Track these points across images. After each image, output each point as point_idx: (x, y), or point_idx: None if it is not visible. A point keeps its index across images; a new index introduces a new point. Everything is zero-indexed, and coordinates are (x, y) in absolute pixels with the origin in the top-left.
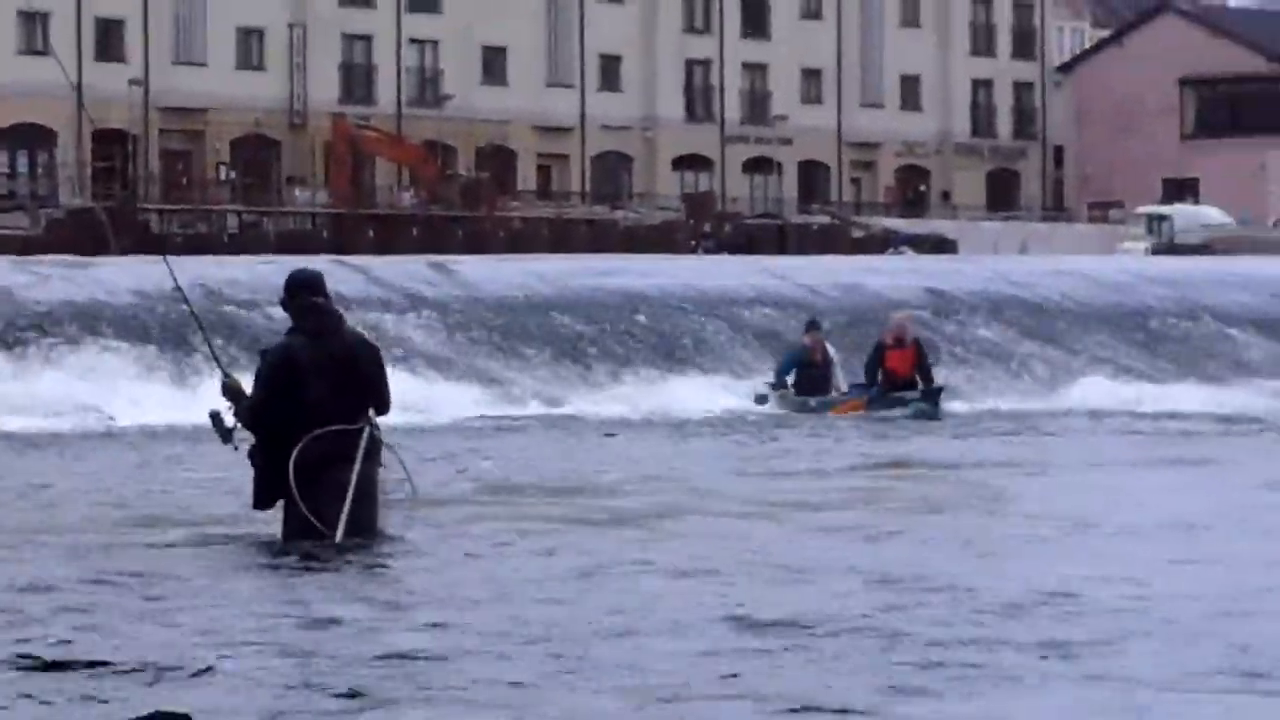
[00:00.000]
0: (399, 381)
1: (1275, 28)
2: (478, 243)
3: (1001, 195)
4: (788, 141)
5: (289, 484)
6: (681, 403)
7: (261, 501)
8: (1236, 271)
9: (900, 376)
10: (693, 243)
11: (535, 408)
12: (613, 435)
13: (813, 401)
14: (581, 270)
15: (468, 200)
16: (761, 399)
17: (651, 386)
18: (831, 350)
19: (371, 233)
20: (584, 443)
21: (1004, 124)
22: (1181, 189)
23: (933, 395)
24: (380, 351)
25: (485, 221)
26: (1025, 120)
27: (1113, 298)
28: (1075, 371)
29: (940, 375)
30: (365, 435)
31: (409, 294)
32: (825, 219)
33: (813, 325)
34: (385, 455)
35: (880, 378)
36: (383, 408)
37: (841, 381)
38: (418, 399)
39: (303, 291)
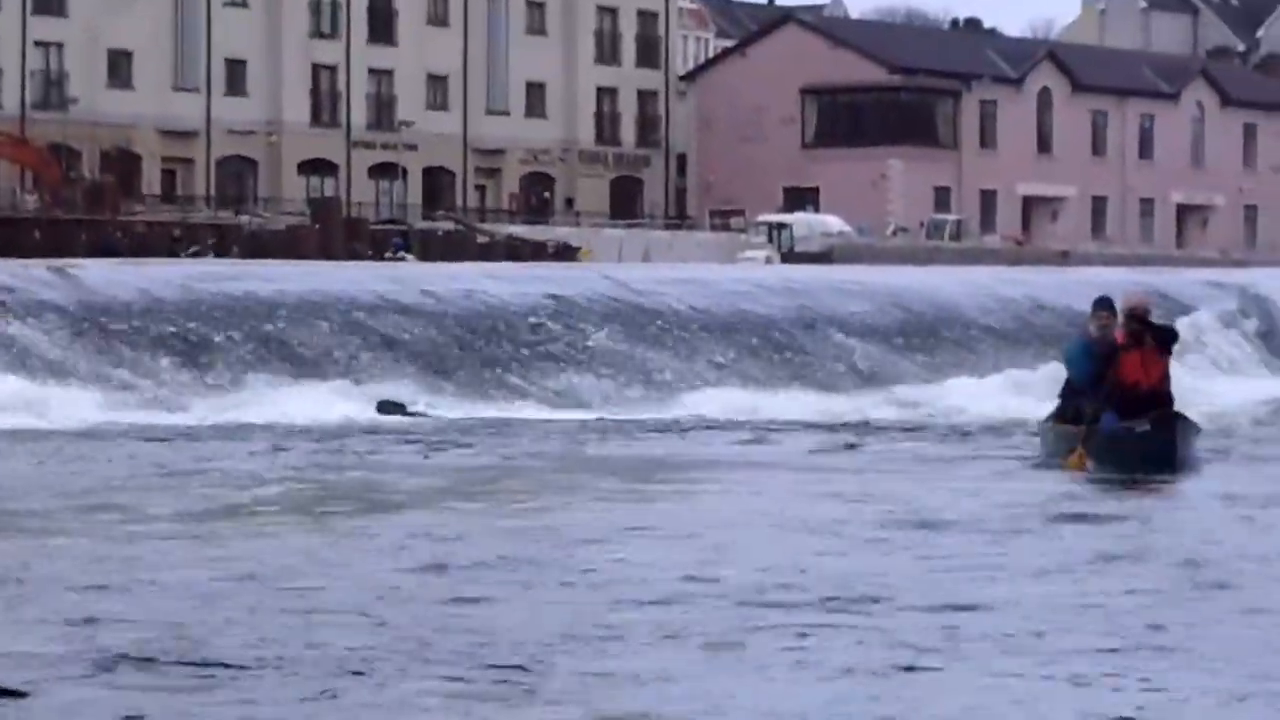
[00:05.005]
0: (17, 385)
1: (895, 39)
2: (101, 246)
3: (625, 203)
4: (413, 147)
5: None
6: (296, 410)
7: None
8: (854, 280)
9: (1149, 390)
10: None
11: (155, 415)
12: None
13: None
14: (205, 275)
15: (91, 203)
16: (385, 407)
17: (272, 393)
18: None
19: None
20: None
21: (628, 132)
22: (802, 198)
23: (1168, 428)
24: None
25: (108, 225)
26: (649, 128)
27: (731, 306)
28: (692, 380)
29: (561, 382)
30: None
31: (29, 297)
32: (450, 225)
33: (1104, 304)
34: None
35: (1113, 394)
36: None
37: None
38: (35, 403)
39: None
